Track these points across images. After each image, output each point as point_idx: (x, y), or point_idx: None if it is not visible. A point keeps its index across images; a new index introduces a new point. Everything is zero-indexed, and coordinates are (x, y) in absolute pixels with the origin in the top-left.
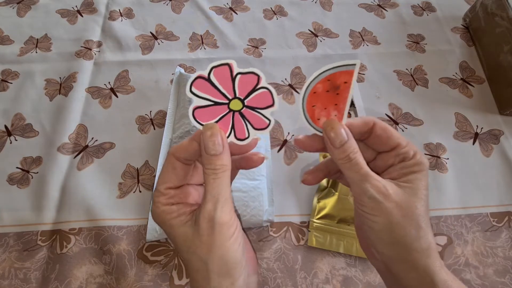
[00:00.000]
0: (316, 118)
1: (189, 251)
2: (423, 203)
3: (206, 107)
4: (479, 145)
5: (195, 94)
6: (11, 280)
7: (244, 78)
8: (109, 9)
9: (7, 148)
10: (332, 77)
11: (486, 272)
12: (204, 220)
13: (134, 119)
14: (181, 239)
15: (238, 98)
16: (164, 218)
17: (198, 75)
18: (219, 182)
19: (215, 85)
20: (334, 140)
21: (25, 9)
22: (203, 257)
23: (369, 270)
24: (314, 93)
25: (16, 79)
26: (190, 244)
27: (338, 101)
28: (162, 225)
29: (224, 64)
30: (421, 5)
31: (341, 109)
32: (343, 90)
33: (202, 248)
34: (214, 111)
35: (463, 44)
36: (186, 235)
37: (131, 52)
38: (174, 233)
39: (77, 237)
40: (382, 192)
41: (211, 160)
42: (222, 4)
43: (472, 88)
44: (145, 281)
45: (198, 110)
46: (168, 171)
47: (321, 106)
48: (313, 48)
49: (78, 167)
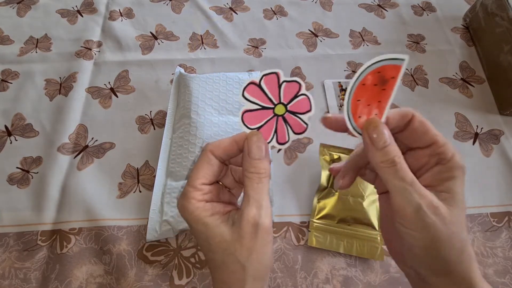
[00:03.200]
0: (357, 115)
1: (225, 253)
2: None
3: (254, 111)
4: (479, 145)
5: (246, 99)
6: (11, 280)
7: (288, 86)
8: (109, 9)
9: (7, 148)
10: (382, 69)
11: (486, 272)
12: (248, 224)
13: (134, 119)
14: (216, 239)
15: (282, 103)
16: (198, 215)
17: (250, 81)
18: (261, 186)
19: (264, 91)
20: (377, 141)
21: (25, 9)
22: (242, 260)
23: (369, 270)
24: (363, 84)
25: (16, 79)
26: (228, 246)
27: (382, 98)
28: (194, 222)
29: (272, 73)
30: (421, 5)
31: (382, 108)
32: (389, 86)
33: (242, 252)
34: (261, 115)
35: (463, 44)
36: (223, 236)
37: (131, 52)
38: (209, 232)
39: (77, 237)
40: (432, 206)
41: (255, 164)
42: (222, 4)
43: (472, 88)
44: (145, 281)
45: (247, 114)
46: (204, 167)
47: (365, 101)
48: (313, 48)
49: (78, 167)
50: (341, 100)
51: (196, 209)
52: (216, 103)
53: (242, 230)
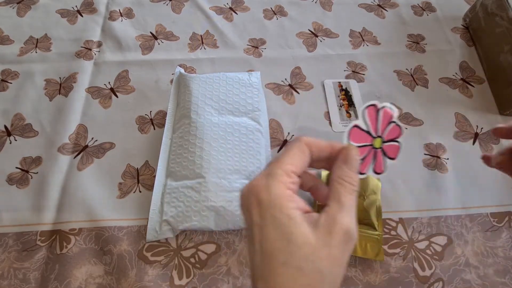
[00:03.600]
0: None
1: (306, 258)
2: None
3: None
4: (479, 145)
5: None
6: (10, 280)
7: (382, 114)
8: (109, 9)
9: (7, 148)
10: None
11: (487, 272)
12: (341, 232)
13: (134, 119)
14: (299, 239)
15: (379, 137)
16: (283, 203)
17: (354, 125)
18: (354, 198)
19: (366, 131)
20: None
21: (25, 9)
22: (325, 270)
23: (369, 270)
24: None
25: (16, 79)
26: (312, 251)
27: None
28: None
29: (371, 105)
30: (421, 5)
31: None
32: None
33: (328, 261)
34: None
35: (463, 44)
36: (307, 238)
37: (131, 52)
38: (292, 228)
39: (77, 237)
40: None
41: (351, 175)
42: (222, 4)
43: (472, 88)
44: (145, 281)
45: None
46: (296, 156)
47: None
48: (313, 48)
49: (78, 167)
50: (341, 100)
51: (283, 195)
52: (216, 103)
53: (333, 238)
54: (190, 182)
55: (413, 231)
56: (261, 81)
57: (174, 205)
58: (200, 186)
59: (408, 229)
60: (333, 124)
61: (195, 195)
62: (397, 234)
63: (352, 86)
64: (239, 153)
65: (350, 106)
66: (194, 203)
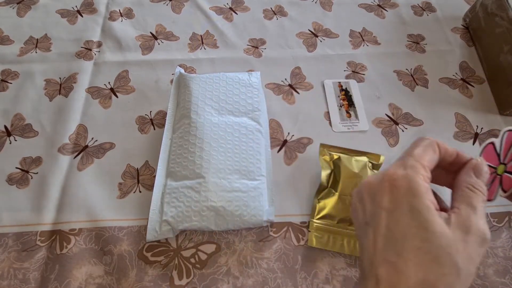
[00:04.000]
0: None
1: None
2: None
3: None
4: (479, 145)
5: None
6: (10, 281)
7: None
8: (109, 9)
9: (7, 148)
10: None
11: (487, 272)
12: (478, 232)
13: (134, 119)
14: (437, 229)
15: (504, 164)
16: (423, 193)
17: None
18: (485, 206)
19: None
20: None
21: (25, 9)
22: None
23: None
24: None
25: (16, 79)
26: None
27: None
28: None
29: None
30: (421, 5)
31: None
32: None
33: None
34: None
35: (463, 44)
36: (445, 229)
37: (131, 52)
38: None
39: (77, 237)
40: None
41: (482, 185)
42: (222, 4)
43: (472, 88)
44: (145, 281)
45: None
46: (429, 152)
47: None
48: (313, 48)
49: (78, 167)
50: (341, 101)
51: (422, 186)
52: (216, 103)
53: (470, 236)
54: (190, 182)
55: None
56: (261, 81)
57: (174, 205)
58: (200, 186)
59: None
60: (333, 124)
61: (195, 195)
62: None
63: (352, 86)
64: (239, 153)
65: (350, 106)
66: (194, 203)
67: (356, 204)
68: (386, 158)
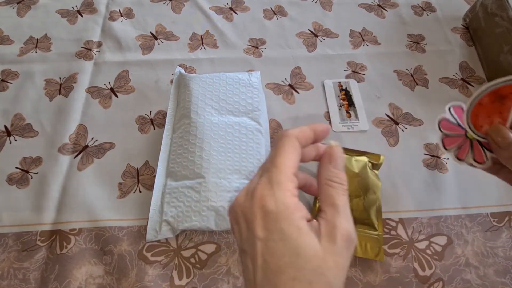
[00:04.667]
0: (479, 126)
1: (315, 272)
2: None
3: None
4: None
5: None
6: (10, 281)
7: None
8: (109, 9)
9: (7, 148)
10: (498, 90)
11: (487, 272)
12: (343, 238)
13: (134, 119)
14: (308, 252)
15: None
16: (292, 213)
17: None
18: (346, 199)
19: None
20: (501, 142)
21: (25, 9)
22: (333, 279)
23: (369, 270)
24: (479, 104)
25: (16, 79)
26: (320, 263)
27: (502, 110)
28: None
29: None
30: (421, 5)
31: (505, 116)
32: (509, 100)
33: (335, 269)
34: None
35: (463, 44)
36: (315, 250)
37: (131, 52)
38: (301, 240)
39: (77, 237)
40: None
41: (339, 175)
42: (222, 4)
43: (472, 88)
44: (145, 281)
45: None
46: (291, 154)
47: (484, 115)
48: (313, 48)
49: (78, 167)
50: (341, 100)
51: (291, 204)
52: (216, 103)
53: (337, 245)
54: (190, 182)
55: (413, 231)
56: (261, 81)
57: (174, 205)
58: (200, 186)
59: (408, 229)
60: (333, 124)
61: (195, 195)
62: (397, 234)
63: (352, 86)
64: (239, 153)
65: (350, 106)
66: (194, 203)
67: (234, 226)
68: (386, 158)
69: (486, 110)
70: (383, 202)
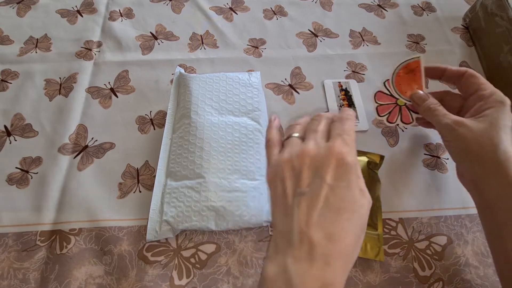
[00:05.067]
0: (404, 92)
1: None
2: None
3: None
4: None
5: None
6: (10, 281)
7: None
8: (109, 9)
9: (7, 148)
10: (407, 65)
11: (486, 272)
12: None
13: (134, 119)
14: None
15: (403, 99)
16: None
17: (378, 90)
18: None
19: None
20: (419, 100)
21: (25, 9)
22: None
23: (369, 270)
24: (398, 76)
25: (16, 79)
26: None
27: (416, 79)
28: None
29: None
30: (421, 5)
31: (419, 83)
32: (416, 72)
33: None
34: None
35: (463, 44)
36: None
37: (131, 52)
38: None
39: (77, 237)
40: (456, 120)
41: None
42: (222, 4)
43: None
44: (145, 281)
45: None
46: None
47: (405, 84)
48: (313, 48)
49: (78, 167)
50: (341, 100)
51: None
52: (216, 103)
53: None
54: (190, 182)
55: (413, 231)
56: (261, 81)
57: (174, 205)
58: (200, 186)
59: (408, 229)
60: None
61: (195, 195)
62: (397, 234)
63: (352, 86)
64: (239, 153)
65: (350, 106)
66: (194, 203)
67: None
68: (386, 158)
69: (405, 80)
70: (383, 202)
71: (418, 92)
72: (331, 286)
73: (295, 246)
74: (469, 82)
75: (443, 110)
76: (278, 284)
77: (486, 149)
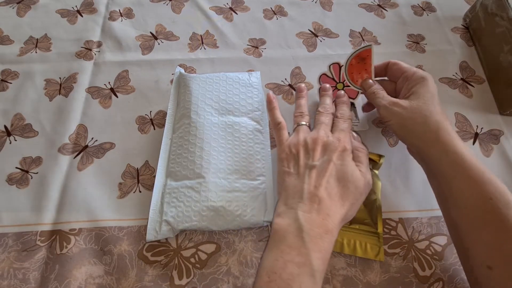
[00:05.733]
0: (355, 80)
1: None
2: (426, 101)
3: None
4: (479, 145)
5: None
6: (10, 280)
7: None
8: (109, 9)
9: (7, 148)
10: (359, 54)
11: None
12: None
13: (134, 119)
14: (357, 176)
15: (342, 83)
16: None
17: (323, 73)
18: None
19: (330, 77)
20: (366, 86)
21: (25, 9)
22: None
23: (369, 270)
24: (351, 64)
25: (16, 79)
26: (360, 183)
27: (366, 67)
28: (349, 157)
29: (335, 63)
30: (421, 5)
31: (369, 72)
32: (367, 60)
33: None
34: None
35: (463, 44)
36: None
37: (131, 52)
38: (355, 171)
39: (77, 237)
40: (392, 101)
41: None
42: (222, 4)
43: (472, 88)
44: (145, 281)
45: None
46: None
47: (356, 72)
48: (313, 48)
49: (78, 167)
50: None
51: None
52: (216, 103)
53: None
54: (190, 182)
55: (413, 231)
56: (261, 81)
57: (174, 205)
58: (200, 186)
59: (408, 229)
60: None
61: (195, 195)
62: (397, 234)
63: None
64: (239, 153)
65: (350, 106)
66: (194, 203)
67: (300, 151)
68: (386, 158)
69: (356, 68)
70: (383, 202)
71: (367, 80)
72: (331, 232)
73: (305, 203)
74: (393, 70)
75: (383, 93)
76: (290, 229)
77: (419, 123)
